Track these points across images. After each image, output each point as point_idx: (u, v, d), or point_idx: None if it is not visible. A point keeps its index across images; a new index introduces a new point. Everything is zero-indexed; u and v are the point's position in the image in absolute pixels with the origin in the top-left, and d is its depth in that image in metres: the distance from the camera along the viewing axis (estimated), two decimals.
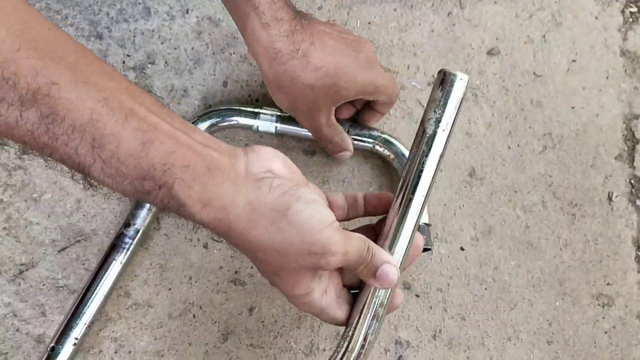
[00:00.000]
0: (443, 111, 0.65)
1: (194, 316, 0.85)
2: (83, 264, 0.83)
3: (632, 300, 1.01)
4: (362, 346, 0.65)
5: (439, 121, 0.66)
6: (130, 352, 0.82)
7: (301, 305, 0.64)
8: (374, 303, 0.66)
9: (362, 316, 0.66)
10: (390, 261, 0.64)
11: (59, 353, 0.75)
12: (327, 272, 0.65)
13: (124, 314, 0.83)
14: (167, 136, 0.51)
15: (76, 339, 0.75)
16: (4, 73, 0.44)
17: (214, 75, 0.92)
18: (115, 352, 0.82)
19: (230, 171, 0.55)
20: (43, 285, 0.81)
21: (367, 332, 0.66)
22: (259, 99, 0.92)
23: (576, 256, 1.01)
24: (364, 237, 0.63)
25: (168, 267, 0.85)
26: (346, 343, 0.66)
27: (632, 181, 1.07)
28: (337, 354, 0.66)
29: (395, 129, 0.97)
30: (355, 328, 0.66)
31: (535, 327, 0.96)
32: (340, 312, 0.67)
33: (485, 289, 0.96)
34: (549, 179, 1.03)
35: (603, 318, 0.99)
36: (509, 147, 1.03)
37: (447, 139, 0.67)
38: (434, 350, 0.92)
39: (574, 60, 1.09)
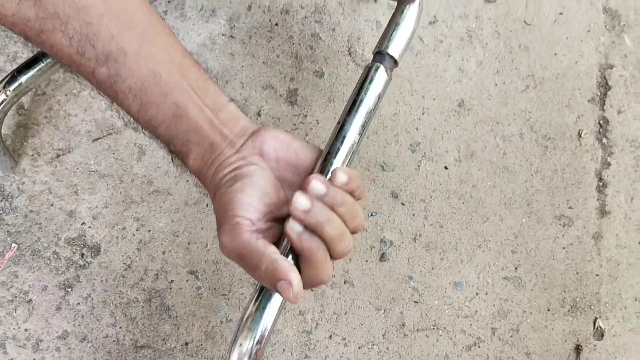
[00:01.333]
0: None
1: (207, 205, 0.72)
2: (113, 154, 0.70)
3: (590, 223, 0.85)
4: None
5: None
6: (149, 230, 0.70)
7: None
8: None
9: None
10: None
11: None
12: None
13: (146, 199, 0.70)
14: (195, 113, 0.44)
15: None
16: (88, 33, 0.41)
17: None
18: (137, 230, 0.70)
19: (226, 149, 0.45)
20: (77, 168, 0.69)
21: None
22: (278, 23, 0.77)
23: (544, 182, 0.85)
24: (266, 254, 0.41)
25: None
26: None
27: (601, 122, 0.90)
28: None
29: None
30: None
31: (503, 239, 0.82)
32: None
33: (463, 203, 0.81)
34: (528, 114, 0.86)
35: (563, 236, 0.84)
36: (496, 84, 0.86)
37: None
38: (413, 250, 0.79)
39: (561, 13, 0.91)
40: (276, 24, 0.77)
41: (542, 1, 0.90)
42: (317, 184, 0.42)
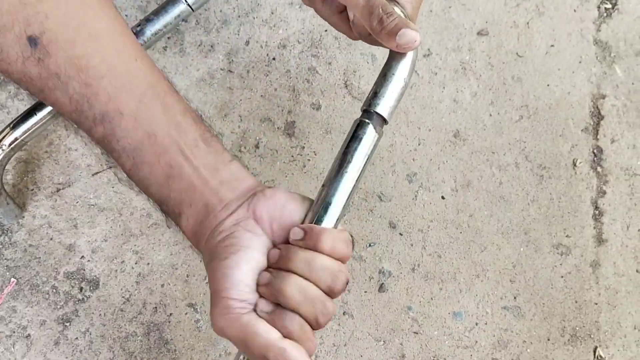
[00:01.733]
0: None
1: None
2: (113, 187, 0.70)
3: (587, 251, 0.85)
4: None
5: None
6: (148, 263, 0.70)
7: None
8: None
9: None
10: None
11: None
12: None
13: (145, 231, 0.70)
14: (189, 172, 0.43)
15: None
16: (87, 93, 0.42)
17: (238, 34, 0.77)
18: (136, 263, 0.70)
19: (221, 212, 0.43)
20: (76, 202, 0.69)
21: None
22: (275, 58, 0.78)
23: (541, 211, 0.85)
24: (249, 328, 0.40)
25: None
26: None
27: (595, 151, 0.90)
28: None
29: None
30: None
31: (501, 268, 0.82)
32: None
33: (460, 232, 0.81)
34: (523, 144, 0.87)
35: (560, 264, 0.84)
36: (490, 115, 0.87)
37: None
38: (412, 281, 0.78)
39: (552, 45, 0.92)
40: (273, 59, 0.79)
41: (534, 34, 0.92)
42: (273, 251, 0.42)
